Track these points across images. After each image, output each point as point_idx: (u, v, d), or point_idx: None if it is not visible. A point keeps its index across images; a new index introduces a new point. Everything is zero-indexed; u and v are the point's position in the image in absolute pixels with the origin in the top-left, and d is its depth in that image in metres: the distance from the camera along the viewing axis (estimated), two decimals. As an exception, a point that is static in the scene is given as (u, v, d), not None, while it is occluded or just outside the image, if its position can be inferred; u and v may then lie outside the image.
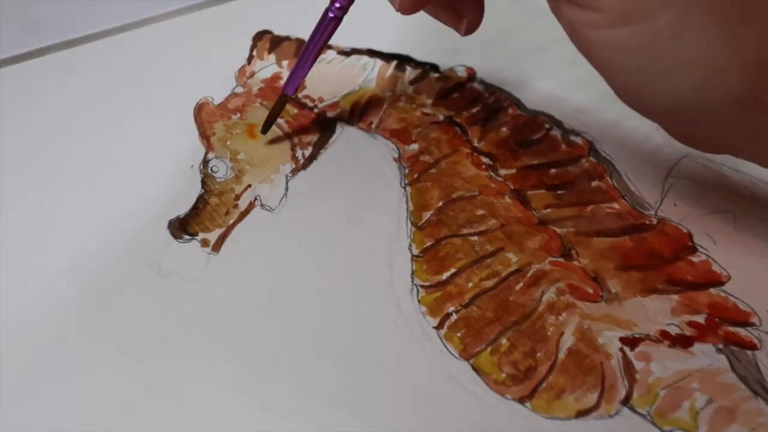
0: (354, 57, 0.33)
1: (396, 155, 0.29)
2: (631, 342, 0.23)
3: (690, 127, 0.22)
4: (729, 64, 0.20)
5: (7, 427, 0.21)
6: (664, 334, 0.23)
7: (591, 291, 0.24)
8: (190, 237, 0.26)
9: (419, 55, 0.33)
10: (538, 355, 0.23)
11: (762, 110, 0.20)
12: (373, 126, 0.30)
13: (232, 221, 0.26)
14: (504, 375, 0.22)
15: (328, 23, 0.26)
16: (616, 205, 0.27)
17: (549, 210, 0.27)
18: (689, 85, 0.20)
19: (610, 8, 0.20)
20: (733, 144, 0.23)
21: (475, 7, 0.25)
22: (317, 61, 0.26)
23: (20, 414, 0.21)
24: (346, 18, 0.26)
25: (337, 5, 0.26)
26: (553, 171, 0.28)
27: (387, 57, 0.33)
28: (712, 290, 0.24)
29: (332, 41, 0.26)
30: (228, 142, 0.29)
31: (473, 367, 0.23)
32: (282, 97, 0.28)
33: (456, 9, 0.26)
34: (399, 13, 0.24)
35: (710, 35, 0.19)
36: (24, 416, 0.21)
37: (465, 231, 0.26)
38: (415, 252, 0.26)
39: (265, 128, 0.29)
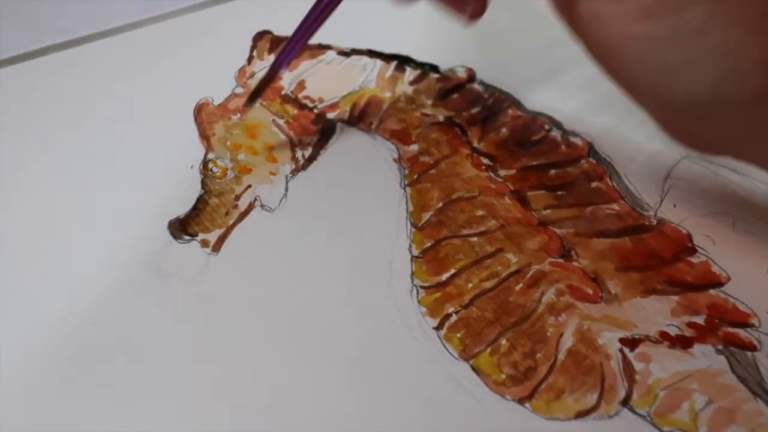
0: (354, 57, 0.33)
1: (396, 156, 0.29)
2: (631, 343, 0.23)
3: (699, 124, 0.22)
4: (752, 59, 0.20)
5: (7, 428, 0.21)
6: (664, 335, 0.23)
7: (591, 292, 0.24)
8: (190, 237, 0.26)
9: (419, 56, 0.33)
10: (538, 355, 0.23)
11: None
12: (372, 126, 0.30)
13: (231, 222, 0.26)
14: (504, 376, 0.22)
15: None
16: (615, 206, 0.27)
17: (549, 211, 0.27)
18: (712, 77, 0.20)
19: (637, 1, 0.20)
20: (739, 144, 0.23)
21: None
22: (317, 61, 0.26)
23: (20, 414, 0.21)
24: (346, 18, 0.26)
25: None
26: (552, 172, 0.28)
27: (387, 57, 0.33)
28: (712, 291, 0.24)
29: (332, 42, 0.26)
30: (228, 143, 0.29)
31: (473, 368, 0.23)
32: (275, 65, 0.26)
33: None
34: (395, 5, 0.23)
35: (736, 29, 0.19)
36: (24, 416, 0.21)
37: (465, 232, 0.26)
38: (415, 253, 0.26)
39: (253, 98, 0.27)
